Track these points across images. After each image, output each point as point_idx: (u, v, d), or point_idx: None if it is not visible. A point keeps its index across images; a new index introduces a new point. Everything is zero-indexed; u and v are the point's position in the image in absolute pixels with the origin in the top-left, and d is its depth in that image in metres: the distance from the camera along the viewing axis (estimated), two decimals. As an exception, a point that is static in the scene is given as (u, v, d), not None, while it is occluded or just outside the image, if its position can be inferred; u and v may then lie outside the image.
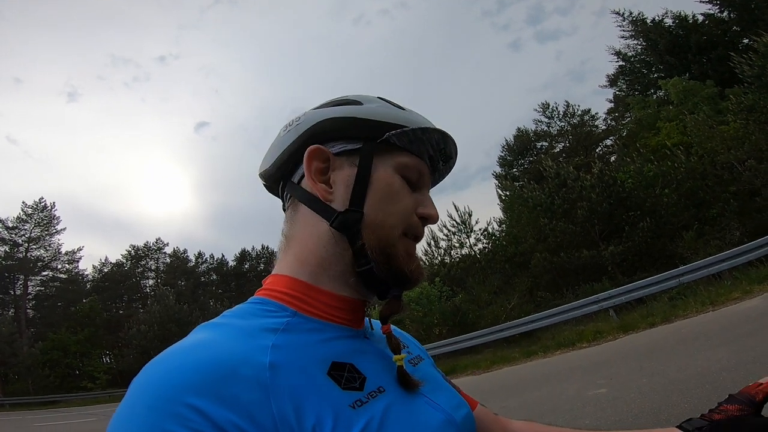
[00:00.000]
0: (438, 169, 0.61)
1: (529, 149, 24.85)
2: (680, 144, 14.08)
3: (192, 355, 0.38)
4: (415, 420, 0.45)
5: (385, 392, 0.45)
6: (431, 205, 0.57)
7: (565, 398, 4.75)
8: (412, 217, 0.54)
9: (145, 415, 0.34)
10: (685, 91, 16.01)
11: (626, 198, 13.04)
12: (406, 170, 0.54)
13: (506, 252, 16.37)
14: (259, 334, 0.43)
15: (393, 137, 0.53)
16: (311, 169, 0.53)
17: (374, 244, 0.50)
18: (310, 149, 0.53)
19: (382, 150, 0.54)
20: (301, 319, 0.47)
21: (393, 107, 0.57)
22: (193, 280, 36.90)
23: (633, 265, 12.51)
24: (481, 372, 8.76)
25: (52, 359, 24.78)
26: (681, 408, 3.40)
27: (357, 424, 0.39)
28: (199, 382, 0.35)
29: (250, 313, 0.47)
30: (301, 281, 0.51)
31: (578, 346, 7.92)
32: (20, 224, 30.38)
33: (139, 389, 0.36)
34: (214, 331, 0.43)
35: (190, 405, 0.34)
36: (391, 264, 0.50)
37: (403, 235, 0.53)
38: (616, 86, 24.57)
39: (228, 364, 0.37)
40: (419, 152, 0.56)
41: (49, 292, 31.54)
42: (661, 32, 20.91)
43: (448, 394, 0.56)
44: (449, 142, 0.58)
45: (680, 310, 7.41)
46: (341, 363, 0.45)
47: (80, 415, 14.64)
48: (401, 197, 0.53)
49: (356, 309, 0.53)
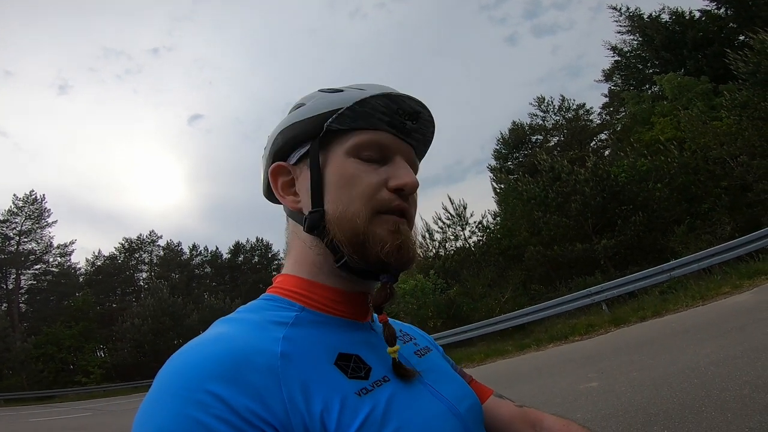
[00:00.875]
0: (410, 129, 0.56)
1: (524, 143, 24.87)
2: (674, 139, 14.15)
3: (211, 346, 0.41)
4: (417, 408, 0.46)
5: (390, 381, 0.47)
6: (403, 174, 0.53)
7: (557, 391, 4.82)
8: (380, 193, 0.51)
9: (170, 403, 0.36)
10: (680, 87, 16.07)
11: (619, 192, 13.13)
12: (359, 150, 0.52)
13: (500, 245, 16.46)
14: (271, 327, 0.46)
15: (332, 124, 0.52)
16: (278, 187, 0.57)
17: (341, 236, 0.50)
18: (271, 169, 0.57)
19: (329, 140, 0.53)
20: (308, 314, 0.50)
21: (329, 94, 0.54)
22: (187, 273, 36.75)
23: (625, 259, 12.64)
24: (475, 365, 8.84)
25: (46, 354, 24.62)
26: (670, 402, 3.46)
27: (362, 410, 0.42)
28: (218, 370, 0.38)
29: (262, 309, 0.50)
30: (304, 279, 0.54)
31: (571, 340, 8.02)
32: (11, 217, 30.03)
33: (163, 379, 0.39)
34: (230, 325, 0.46)
35: (210, 392, 0.36)
36: (364, 252, 0.49)
37: (378, 214, 0.51)
38: (611, 81, 24.60)
39: (243, 354, 0.40)
40: (371, 125, 0.53)
41: (41, 285, 31.24)
42: (658, 28, 20.91)
43: (454, 384, 0.57)
44: (400, 100, 0.54)
45: (671, 304, 7.51)
46: (347, 354, 0.47)
47: (75, 410, 14.59)
48: (359, 179, 0.51)
49: (358, 302, 0.55)
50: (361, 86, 0.55)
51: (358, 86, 0.56)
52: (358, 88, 0.55)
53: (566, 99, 23.98)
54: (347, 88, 0.55)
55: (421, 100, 0.56)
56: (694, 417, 3.05)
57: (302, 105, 0.56)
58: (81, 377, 24.35)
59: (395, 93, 0.54)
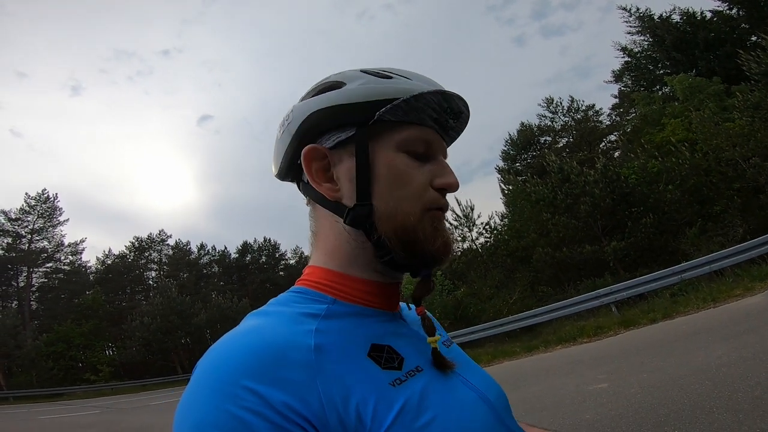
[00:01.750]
0: (449, 127, 0.57)
1: (533, 144, 24.75)
2: (685, 140, 13.99)
3: (246, 340, 0.41)
4: (451, 397, 0.47)
5: (423, 371, 0.47)
6: (448, 173, 0.53)
7: (565, 393, 4.78)
8: (428, 193, 0.52)
9: (207, 397, 0.37)
10: (691, 88, 15.87)
11: (629, 194, 13.00)
12: (409, 145, 0.52)
13: (508, 246, 16.38)
14: (303, 320, 0.46)
15: (385, 114, 0.50)
16: (312, 173, 0.53)
17: (391, 234, 0.49)
18: (305, 152, 0.52)
19: (378, 131, 0.51)
20: (340, 306, 0.49)
21: (379, 79, 0.52)
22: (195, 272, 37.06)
23: (635, 261, 12.51)
24: (483, 366, 8.78)
25: (56, 351, 24.90)
26: (680, 404, 3.42)
27: (398, 401, 0.41)
28: (253, 365, 0.38)
29: (293, 301, 0.50)
30: (334, 272, 0.52)
31: (579, 341, 7.96)
32: (23, 216, 30.47)
33: (201, 374, 0.39)
34: (264, 318, 0.46)
35: (247, 387, 0.36)
36: (414, 249, 0.49)
37: (425, 212, 0.51)
38: (621, 82, 24.37)
39: (277, 348, 0.40)
40: (420, 120, 0.52)
41: (52, 284, 31.66)
42: (669, 28, 20.69)
43: (479, 373, 0.58)
44: (452, 99, 0.54)
45: (681, 307, 7.42)
46: (380, 345, 0.47)
47: (84, 408, 14.78)
48: (410, 177, 0.51)
49: (390, 293, 0.54)
50: (406, 74, 0.54)
51: (403, 73, 0.54)
52: (404, 77, 0.53)
53: (575, 100, 23.82)
54: (394, 75, 0.53)
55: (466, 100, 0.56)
56: (705, 418, 3.01)
57: (341, 84, 0.53)
58: (90, 375, 24.62)
59: (449, 92, 0.53)
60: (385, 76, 0.53)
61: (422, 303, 0.54)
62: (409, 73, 0.55)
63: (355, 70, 0.54)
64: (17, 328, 24.93)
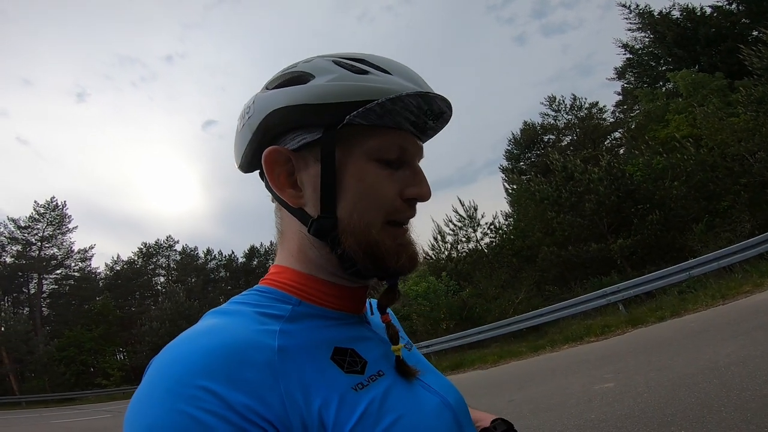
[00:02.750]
0: (428, 128, 0.53)
1: (536, 142, 24.63)
2: (690, 136, 13.88)
3: (204, 340, 0.39)
4: (413, 402, 0.47)
5: (385, 376, 0.47)
6: (420, 183, 0.50)
7: (571, 392, 4.76)
8: (395, 203, 0.49)
9: (161, 398, 0.35)
10: (694, 84, 15.77)
11: (635, 191, 12.90)
12: (380, 152, 0.48)
13: (513, 246, 16.32)
14: (267, 320, 0.44)
15: (356, 119, 0.46)
16: (274, 177, 0.50)
17: (355, 248, 0.47)
18: (266, 155, 0.49)
19: (347, 135, 0.47)
20: (305, 308, 0.48)
21: (352, 75, 0.47)
22: (203, 277, 37.27)
23: (642, 259, 12.40)
24: (489, 366, 8.79)
25: (68, 356, 25.14)
26: (688, 402, 3.40)
27: (360, 405, 0.41)
28: (211, 365, 0.36)
29: (257, 301, 0.48)
30: (301, 273, 0.51)
31: (586, 340, 7.91)
32: (33, 223, 30.83)
33: (155, 374, 0.37)
34: (224, 318, 0.44)
35: (205, 388, 0.35)
36: (376, 263, 0.48)
37: (388, 225, 0.49)
38: (624, 79, 24.23)
39: (238, 348, 0.39)
40: (395, 124, 0.48)
41: (62, 290, 32.03)
42: (669, 24, 20.58)
43: (438, 377, 0.57)
44: (434, 101, 0.49)
45: (690, 304, 7.35)
46: (343, 348, 0.46)
47: (95, 412, 14.90)
48: (378, 189, 0.48)
49: (357, 296, 0.53)
50: (385, 65, 0.49)
51: (382, 64, 0.49)
52: (383, 69, 0.49)
53: (578, 98, 23.69)
54: (371, 68, 0.48)
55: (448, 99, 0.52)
56: (713, 417, 3.00)
57: (309, 77, 0.48)
58: (101, 379, 24.85)
59: (431, 94, 0.48)
60: (360, 70, 0.48)
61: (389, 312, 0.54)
62: (389, 63, 0.50)
63: (327, 59, 0.49)
64: (29, 333, 25.23)
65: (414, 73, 0.51)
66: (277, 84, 0.50)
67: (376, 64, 0.49)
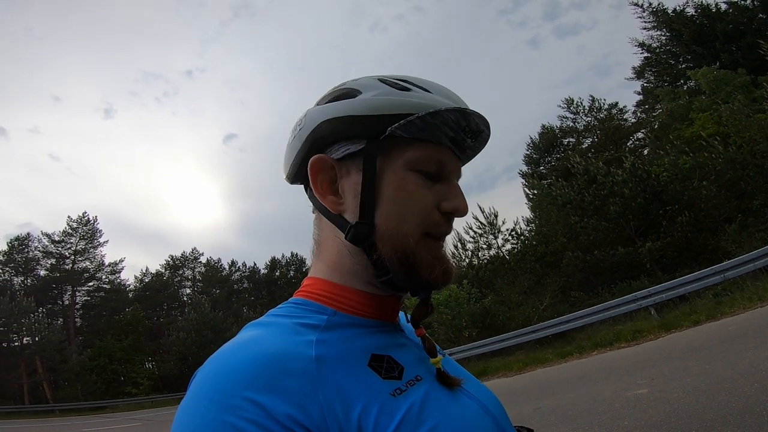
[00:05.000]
0: (467, 147, 0.54)
1: (556, 146, 24.26)
2: (716, 134, 13.40)
3: (244, 351, 0.40)
4: (453, 407, 0.46)
5: (423, 381, 0.47)
6: (457, 197, 0.51)
7: (602, 399, 4.61)
8: (433, 215, 0.50)
9: (207, 408, 0.36)
10: (717, 81, 15.28)
11: (662, 192, 12.51)
12: (419, 164, 0.50)
13: (536, 252, 16.02)
14: (303, 331, 0.45)
15: (397, 130, 0.48)
16: (317, 184, 0.52)
17: (391, 255, 0.47)
18: (312, 162, 0.51)
19: (389, 146, 0.49)
20: (340, 318, 0.49)
21: (395, 91, 0.50)
22: (227, 288, 38.04)
23: (673, 262, 11.96)
24: (513, 374, 8.59)
25: (99, 366, 25.95)
26: (728, 408, 3.24)
27: (399, 410, 0.41)
28: (254, 376, 0.37)
29: (293, 312, 0.49)
30: (335, 284, 0.52)
31: (616, 346, 7.65)
32: (66, 238, 32.24)
33: (200, 385, 0.38)
34: (262, 329, 0.45)
35: (247, 398, 0.36)
36: (411, 274, 0.48)
37: (425, 237, 0.49)
38: (643, 78, 23.63)
39: (278, 359, 0.40)
40: (435, 138, 0.50)
41: (94, 301, 33.23)
42: (685, 22, 20.12)
43: (475, 384, 0.57)
44: (472, 118, 0.51)
45: (726, 307, 7.04)
46: (380, 355, 0.47)
47: (125, 420, 15.29)
48: (416, 198, 0.49)
49: (390, 305, 0.54)
50: (427, 85, 0.52)
51: (423, 84, 0.52)
52: (424, 88, 0.51)
53: (596, 99, 23.28)
54: (413, 86, 0.51)
55: (487, 119, 0.54)
56: (754, 422, 2.85)
57: (356, 93, 0.51)
58: (131, 388, 25.51)
59: (469, 110, 0.51)
60: (403, 87, 0.51)
61: (421, 324, 0.53)
62: (430, 84, 0.53)
63: (373, 78, 0.53)
64: (63, 343, 26.13)
65: (452, 93, 0.53)
66: (327, 99, 0.54)
67: (418, 83, 0.52)
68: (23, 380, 24.28)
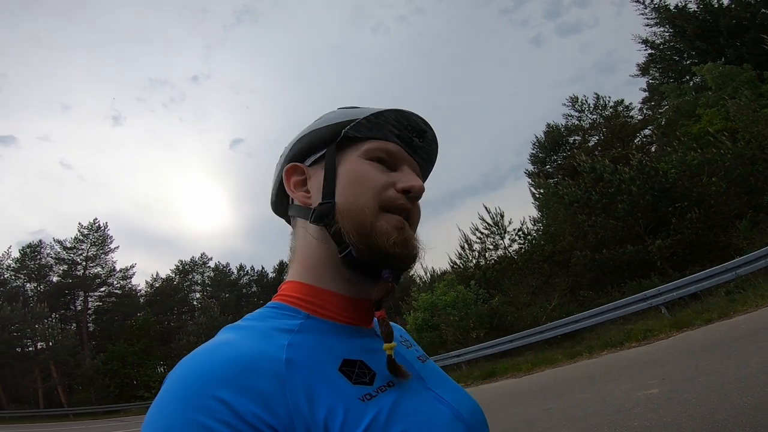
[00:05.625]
0: (416, 146, 0.61)
1: (561, 144, 24.06)
2: (724, 130, 13.22)
3: (217, 352, 0.42)
4: (422, 413, 0.47)
5: (394, 387, 0.47)
6: (411, 178, 0.56)
7: (612, 399, 4.57)
8: (388, 192, 0.54)
9: (176, 407, 0.37)
10: (722, 76, 15.10)
11: (670, 189, 12.36)
12: (372, 153, 0.56)
13: (543, 251, 15.91)
14: (276, 335, 0.46)
15: (350, 131, 0.56)
16: (290, 184, 0.60)
17: (349, 227, 0.51)
18: (286, 169, 0.60)
19: (345, 146, 0.57)
20: (313, 321, 0.50)
21: (349, 109, 0.60)
22: (236, 292, 38.26)
23: (684, 259, 11.82)
24: (522, 375, 8.53)
25: (112, 370, 26.24)
26: (740, 407, 3.20)
27: (366, 415, 0.42)
28: (224, 376, 0.39)
29: (268, 316, 0.51)
30: (308, 285, 0.54)
31: (627, 346, 7.57)
32: (77, 244, 32.64)
33: (171, 384, 0.40)
34: (237, 333, 0.47)
35: (217, 397, 0.37)
36: (368, 243, 0.51)
37: (383, 211, 0.53)
38: (648, 75, 23.37)
39: (249, 360, 0.41)
40: (383, 136, 0.57)
41: (106, 306, 33.53)
42: (687, 18, 19.91)
43: (455, 390, 0.58)
44: (411, 117, 0.59)
45: (739, 305, 6.95)
46: (352, 360, 0.47)
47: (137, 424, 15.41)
48: (370, 177, 0.54)
49: (363, 308, 0.55)
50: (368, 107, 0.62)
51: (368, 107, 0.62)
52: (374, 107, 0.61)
53: (601, 97, 23.05)
54: (363, 107, 0.61)
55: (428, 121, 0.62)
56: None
57: (320, 119, 0.62)
58: (143, 392, 25.74)
59: (406, 110, 0.59)
60: (354, 107, 0.61)
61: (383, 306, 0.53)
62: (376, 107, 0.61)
63: (334, 109, 0.63)
64: (76, 348, 26.41)
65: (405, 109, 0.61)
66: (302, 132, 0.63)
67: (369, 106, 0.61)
68: (38, 385, 24.60)
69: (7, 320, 23.89)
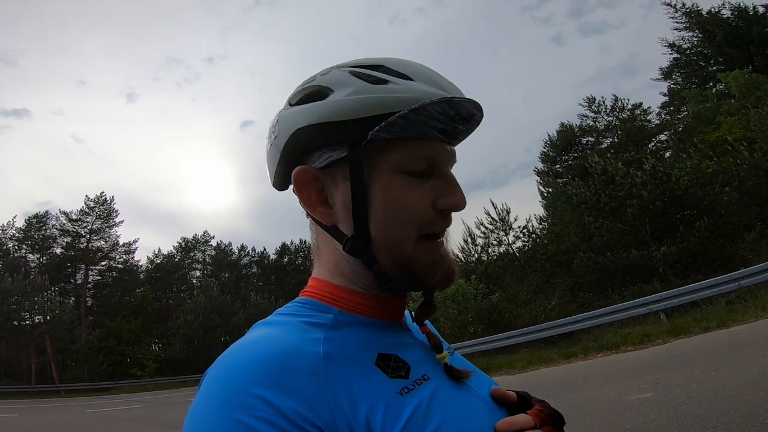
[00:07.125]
0: (459, 132, 0.51)
1: (574, 145, 23.82)
2: (743, 139, 12.98)
3: (253, 350, 0.41)
4: (459, 405, 0.46)
5: (430, 380, 0.46)
6: (452, 191, 0.49)
7: (605, 401, 4.55)
8: (427, 215, 0.48)
9: (217, 407, 0.36)
10: (748, 84, 14.77)
11: (681, 196, 12.21)
12: (407, 165, 0.47)
13: (547, 251, 15.84)
14: (311, 329, 0.45)
15: (379, 134, 0.44)
16: (305, 197, 0.50)
17: (390, 264, 0.47)
18: (295, 175, 0.49)
19: (373, 150, 0.46)
20: (346, 317, 0.49)
21: (370, 86, 0.46)
22: (236, 273, 38.52)
23: (687, 267, 11.74)
24: (517, 372, 8.56)
25: (107, 347, 26.29)
26: (730, 415, 3.17)
27: (406, 409, 0.41)
28: (264, 374, 0.38)
29: (300, 311, 0.49)
30: (339, 286, 0.51)
31: (623, 349, 7.56)
32: (83, 217, 32.93)
33: (210, 384, 0.39)
34: (271, 328, 0.46)
35: (257, 396, 0.36)
36: (412, 280, 0.48)
37: (421, 239, 0.48)
38: (670, 79, 23.00)
39: (287, 357, 0.40)
40: (421, 133, 0.46)
41: (106, 281, 33.90)
42: (719, 24, 19.50)
43: (484, 381, 0.57)
44: (462, 105, 0.47)
45: (738, 315, 6.90)
46: (386, 354, 0.46)
47: (128, 402, 15.45)
48: (407, 201, 0.47)
49: (395, 305, 0.53)
50: (406, 70, 0.48)
51: (402, 69, 0.48)
52: (404, 75, 0.47)
53: (619, 99, 22.72)
54: (390, 76, 0.47)
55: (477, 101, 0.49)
56: (757, 429, 2.78)
57: (327, 92, 0.47)
58: (136, 370, 25.87)
59: (456, 99, 0.46)
60: (378, 80, 0.46)
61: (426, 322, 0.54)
62: (411, 67, 0.48)
63: (344, 70, 0.48)
64: (74, 323, 26.26)
65: (438, 76, 0.49)
66: (298, 100, 0.50)
67: (397, 69, 0.48)
68: (32, 360, 24.35)
69: (7, 292, 23.79)
